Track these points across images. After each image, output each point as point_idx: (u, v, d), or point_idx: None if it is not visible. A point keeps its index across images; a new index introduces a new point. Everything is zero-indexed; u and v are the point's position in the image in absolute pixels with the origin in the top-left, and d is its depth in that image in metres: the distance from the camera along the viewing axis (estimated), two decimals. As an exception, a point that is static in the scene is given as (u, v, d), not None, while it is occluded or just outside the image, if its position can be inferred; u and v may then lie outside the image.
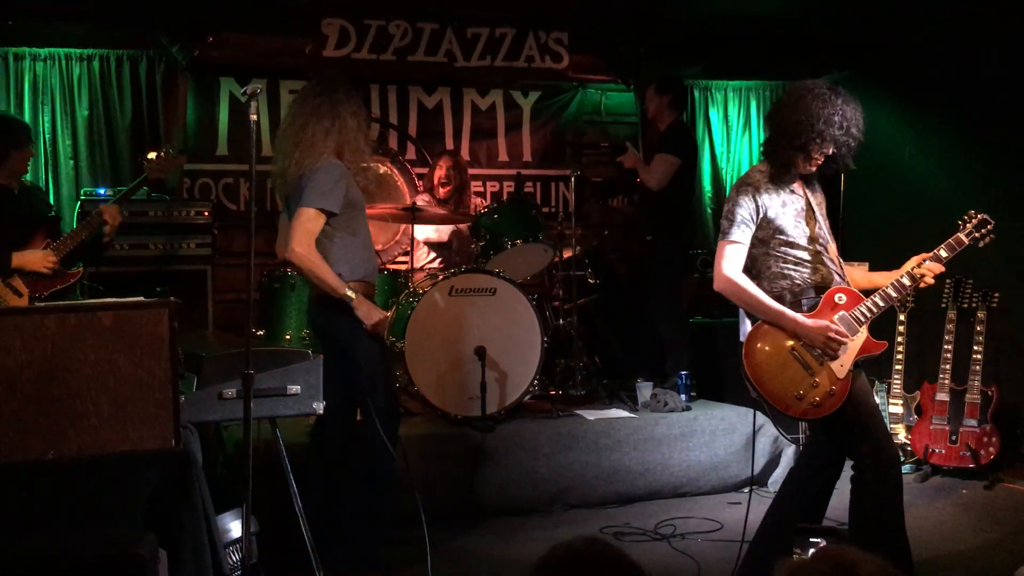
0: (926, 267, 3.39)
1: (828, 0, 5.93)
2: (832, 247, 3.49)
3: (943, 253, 3.40)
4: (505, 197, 6.64)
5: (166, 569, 2.77)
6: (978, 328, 5.34)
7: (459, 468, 4.68)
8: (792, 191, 3.45)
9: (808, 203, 3.46)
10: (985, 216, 3.46)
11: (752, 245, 3.41)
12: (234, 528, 3.44)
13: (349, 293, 3.70)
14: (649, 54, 6.64)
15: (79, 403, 2.84)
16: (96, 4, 5.60)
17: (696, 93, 7.16)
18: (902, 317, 5.62)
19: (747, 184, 3.41)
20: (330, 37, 6.06)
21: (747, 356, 3.32)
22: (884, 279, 3.46)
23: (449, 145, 6.65)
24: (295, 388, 3.33)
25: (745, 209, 3.37)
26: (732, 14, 6.13)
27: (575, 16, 6.47)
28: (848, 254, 3.61)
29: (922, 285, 3.43)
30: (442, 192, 5.96)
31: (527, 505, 4.77)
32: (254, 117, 3.09)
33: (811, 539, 2.62)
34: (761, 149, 3.55)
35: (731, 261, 3.36)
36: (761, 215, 3.38)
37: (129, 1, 5.61)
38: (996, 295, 5.36)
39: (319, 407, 3.37)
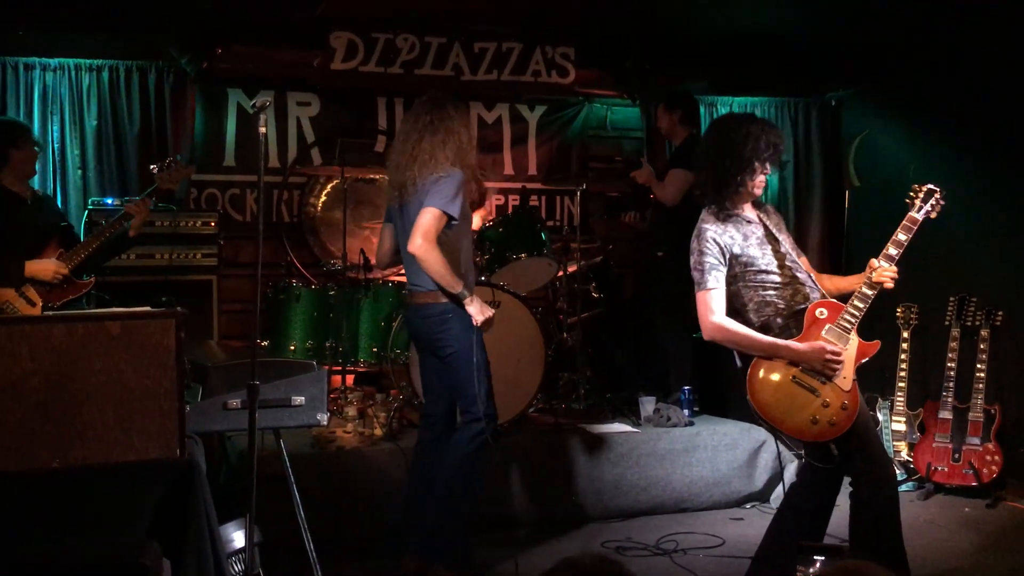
0: (878, 274, 3.36)
1: (834, 18, 5.95)
2: (803, 261, 3.53)
3: (892, 251, 3.39)
4: (510, 210, 6.66)
5: (169, 578, 2.78)
6: (981, 346, 5.34)
7: (462, 481, 4.67)
8: (748, 221, 3.50)
9: (765, 228, 3.51)
10: (930, 186, 3.46)
11: (728, 283, 3.44)
12: (237, 538, 3.45)
13: (464, 290, 3.82)
14: (655, 69, 6.67)
15: (85, 412, 2.86)
16: (106, 15, 5.63)
17: (702, 109, 7.17)
18: (906, 335, 5.62)
19: (704, 231, 3.46)
20: (338, 50, 6.10)
21: (753, 396, 3.33)
22: (850, 283, 3.49)
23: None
24: (299, 399, 3.34)
25: (710, 255, 3.41)
26: (739, 31, 6.16)
27: (582, 31, 6.50)
28: (853, 270, 3.61)
29: (886, 288, 3.39)
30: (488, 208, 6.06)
31: (528, 518, 4.77)
32: (263, 130, 3.13)
33: (814, 557, 2.62)
34: (696, 195, 3.60)
35: (713, 309, 3.40)
36: (728, 255, 3.42)
37: (139, 13, 5.64)
38: (1000, 313, 5.36)
39: (323, 418, 3.39)
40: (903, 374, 5.56)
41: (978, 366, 5.31)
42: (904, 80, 6.31)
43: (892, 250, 3.40)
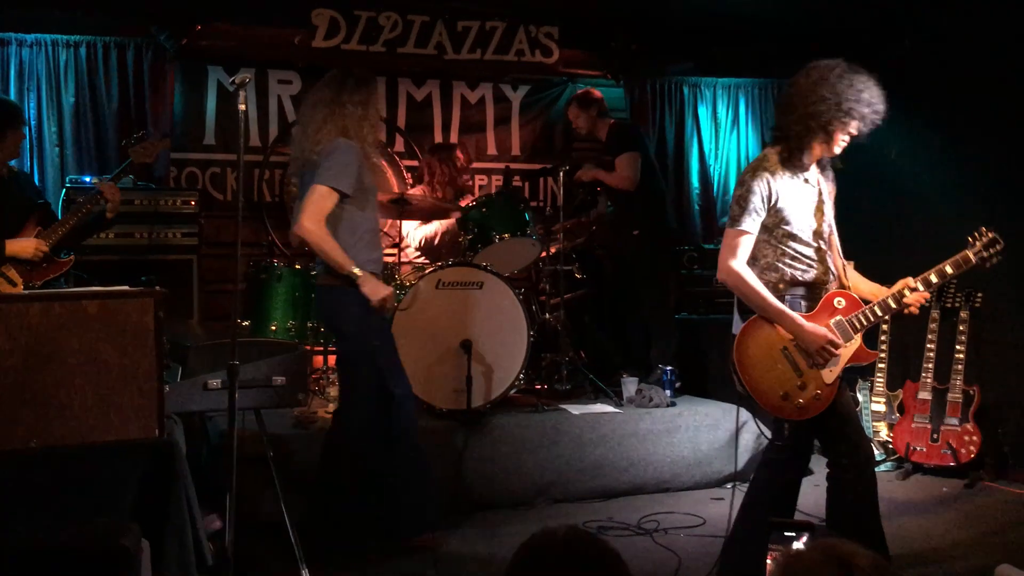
0: (913, 298, 3.31)
1: (817, 0, 5.95)
2: (835, 241, 3.41)
3: (933, 279, 3.30)
4: (493, 191, 6.64)
5: (149, 559, 2.77)
6: (961, 328, 5.38)
7: (443, 461, 4.67)
8: (806, 180, 3.33)
9: (820, 195, 3.36)
10: (996, 235, 3.34)
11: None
12: (218, 518, 3.44)
13: (355, 270, 3.77)
14: (640, 50, 6.64)
15: (63, 392, 2.84)
16: (83, -10, 5.56)
17: (686, 90, 7.17)
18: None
19: (762, 168, 3.28)
20: (320, 28, 6.04)
21: (738, 350, 3.29)
22: (872, 291, 3.42)
23: (438, 138, 6.64)
24: (280, 379, 3.33)
25: (758, 196, 3.24)
26: (723, 12, 6.14)
27: (566, 11, 6.46)
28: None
29: (906, 312, 3.35)
30: (459, 182, 6.01)
31: (511, 499, 4.78)
32: (242, 107, 3.10)
33: (787, 534, 2.63)
34: (773, 134, 3.41)
35: (737, 252, 3.26)
36: (772, 202, 3.26)
37: (116, -12, 5.58)
38: (979, 295, 5.40)
39: (303, 398, 3.39)
40: (883, 355, 5.60)
41: (957, 347, 5.35)
42: (885, 62, 6.29)
43: (934, 278, 3.31)
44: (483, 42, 6.38)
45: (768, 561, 2.52)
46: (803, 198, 3.32)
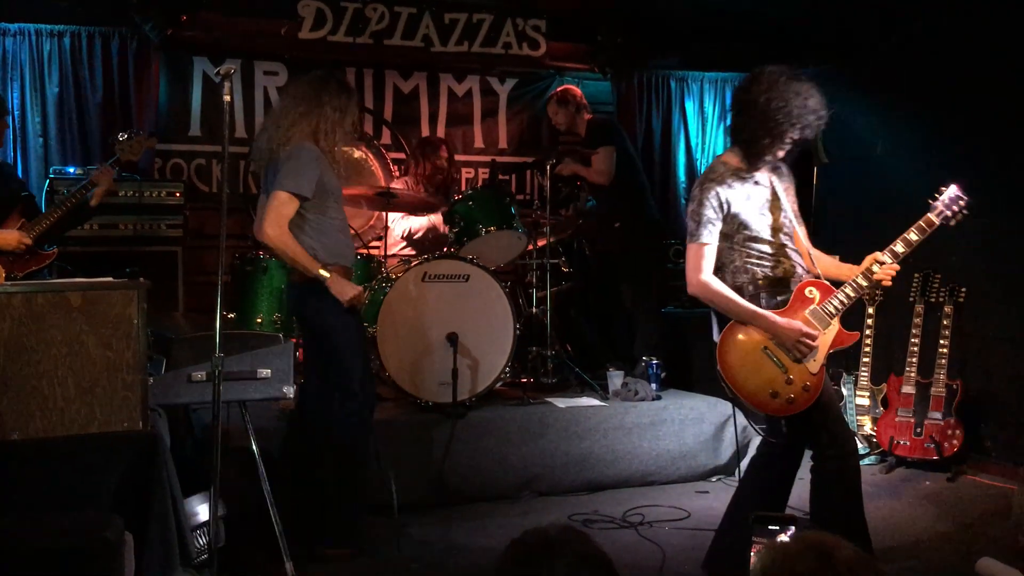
0: (882, 272, 3.36)
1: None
2: (800, 231, 3.46)
3: (899, 248, 3.36)
4: (480, 184, 6.63)
5: (132, 552, 2.76)
6: (945, 322, 5.41)
7: (429, 454, 4.67)
8: (757, 182, 3.42)
9: (774, 192, 3.43)
10: (959, 192, 3.40)
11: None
12: (201, 511, 3.42)
13: (322, 272, 3.75)
14: (627, 44, 6.64)
15: (45, 383, 2.82)
16: (67, -21, 5.51)
17: (673, 84, 7.17)
18: (871, 310, 5.67)
19: (710, 180, 3.38)
20: (306, 19, 6.01)
21: (721, 358, 3.33)
22: (843, 272, 3.46)
23: (425, 131, 6.63)
24: (265, 372, 3.32)
25: (710, 207, 3.34)
26: (711, 7, 6.14)
27: (553, 4, 6.46)
28: (820, 248, 3.61)
29: (879, 287, 3.41)
30: (439, 179, 5.98)
31: (496, 492, 4.78)
32: (227, 98, 3.08)
33: (770, 527, 2.64)
34: (730, 136, 3.48)
35: (702, 265, 3.34)
36: (726, 210, 3.36)
37: (100, -23, 5.53)
38: (963, 290, 5.43)
39: (289, 391, 3.37)
40: (867, 349, 5.63)
41: (941, 342, 5.38)
42: (873, 58, 6.33)
43: (900, 247, 3.37)
44: (470, 35, 6.36)
45: (751, 554, 2.53)
46: (755, 199, 3.40)
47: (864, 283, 3.37)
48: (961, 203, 3.43)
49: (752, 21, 6.31)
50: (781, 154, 3.41)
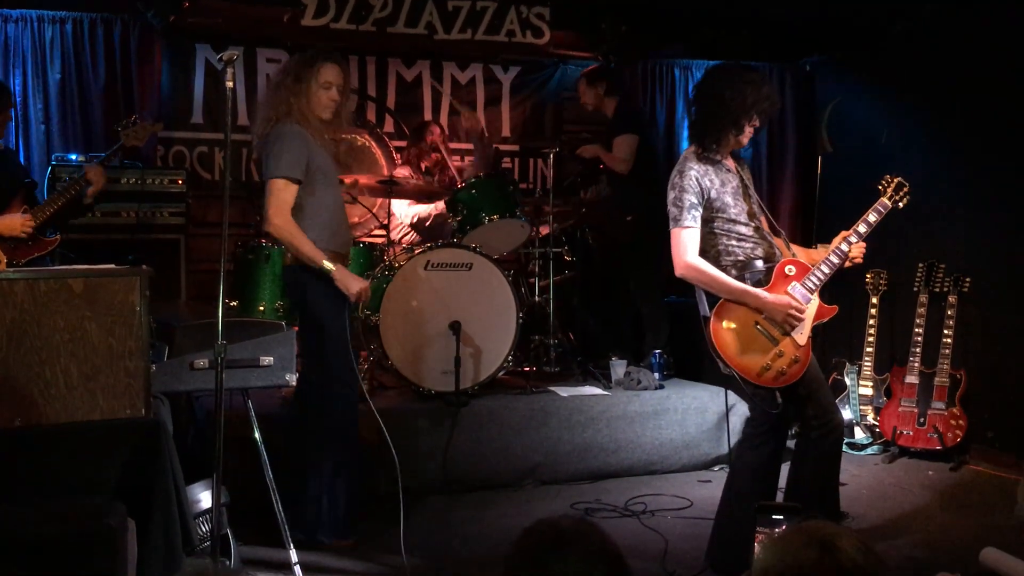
0: (856, 250, 3.54)
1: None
2: (765, 219, 3.64)
3: (862, 228, 3.56)
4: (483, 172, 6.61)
5: (135, 539, 2.76)
6: (948, 312, 5.39)
7: (432, 443, 4.68)
8: (727, 169, 3.59)
9: (742, 180, 3.60)
10: (900, 180, 3.66)
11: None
12: (204, 499, 3.42)
13: (327, 264, 3.72)
14: (631, 32, 6.61)
15: (48, 370, 2.82)
16: (69, -35, 5.49)
17: (676, 72, 7.14)
18: (874, 300, 5.67)
19: (687, 168, 3.53)
20: (309, 6, 5.97)
21: (715, 335, 3.45)
22: (820, 255, 3.61)
23: (428, 118, 6.61)
24: (268, 359, 3.32)
25: (691, 193, 3.48)
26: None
27: (557, -9, 6.42)
28: (824, 237, 3.73)
29: (849, 264, 3.57)
30: (431, 159, 5.93)
31: (499, 480, 4.78)
32: (230, 84, 3.06)
33: (774, 516, 2.65)
34: (691, 132, 3.68)
35: (688, 247, 3.49)
36: (706, 196, 3.51)
37: (103, -37, 5.50)
38: (967, 280, 5.41)
39: (291, 379, 3.37)
40: (871, 339, 5.62)
41: (945, 332, 5.37)
42: (877, 48, 6.30)
43: (862, 228, 3.58)
44: (474, 22, 6.33)
45: (755, 544, 2.54)
46: (728, 185, 3.57)
47: (836, 260, 3.53)
48: (904, 189, 3.65)
49: (756, 10, 6.28)
50: (744, 140, 3.58)
